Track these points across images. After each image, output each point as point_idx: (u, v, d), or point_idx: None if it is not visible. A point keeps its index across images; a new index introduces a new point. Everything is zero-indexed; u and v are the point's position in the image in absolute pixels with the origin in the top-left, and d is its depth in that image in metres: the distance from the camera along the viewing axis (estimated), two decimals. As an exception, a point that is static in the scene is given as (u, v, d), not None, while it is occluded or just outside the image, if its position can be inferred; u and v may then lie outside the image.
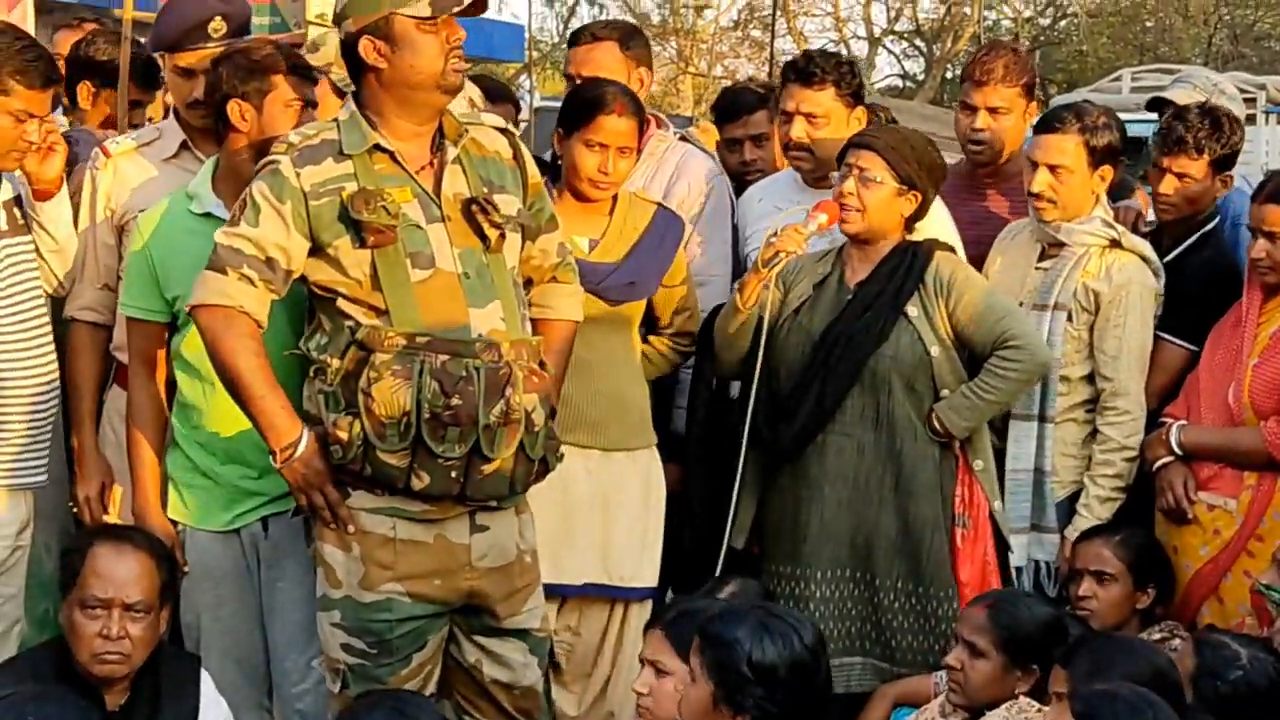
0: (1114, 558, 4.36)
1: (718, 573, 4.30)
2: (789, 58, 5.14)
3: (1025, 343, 4.27)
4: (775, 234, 4.27)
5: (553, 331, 3.92)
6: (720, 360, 4.46)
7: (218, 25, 4.30)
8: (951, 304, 4.29)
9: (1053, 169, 4.55)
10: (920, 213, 4.39)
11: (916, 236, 4.43)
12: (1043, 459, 4.53)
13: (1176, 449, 4.47)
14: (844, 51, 30.82)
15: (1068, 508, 4.55)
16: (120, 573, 3.56)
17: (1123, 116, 5.29)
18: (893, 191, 4.31)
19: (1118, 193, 5.04)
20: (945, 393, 4.29)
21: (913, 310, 4.30)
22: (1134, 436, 4.53)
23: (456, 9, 3.59)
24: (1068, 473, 4.57)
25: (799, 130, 4.69)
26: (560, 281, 3.99)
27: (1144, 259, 4.60)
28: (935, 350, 4.28)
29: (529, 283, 3.92)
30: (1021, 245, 4.72)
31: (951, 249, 4.45)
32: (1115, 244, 4.59)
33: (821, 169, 4.70)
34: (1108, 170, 4.63)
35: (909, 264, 4.32)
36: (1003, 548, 4.40)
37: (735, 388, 4.59)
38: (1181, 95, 5.35)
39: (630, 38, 4.99)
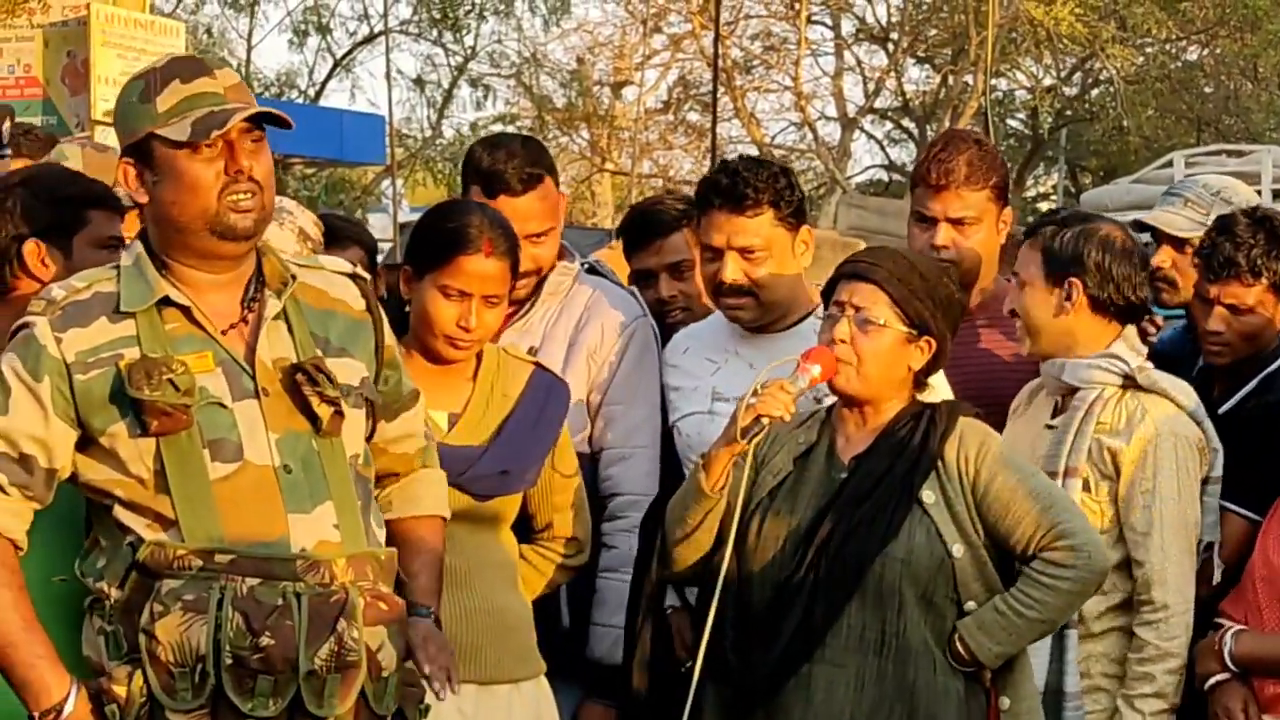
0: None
1: None
2: (737, 149, 5.17)
3: (1079, 541, 4.19)
4: (755, 393, 4.22)
5: (420, 532, 3.92)
6: (674, 559, 4.40)
7: None
8: (980, 489, 4.24)
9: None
10: (935, 364, 4.37)
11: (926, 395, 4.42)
12: (1063, 678, 4.56)
13: (1231, 663, 4.51)
14: (810, 137, 31.49)
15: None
16: None
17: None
18: (898, 338, 4.29)
19: None
20: (971, 606, 4.23)
21: (929, 496, 4.24)
22: (1177, 640, 4.55)
23: (219, 133, 3.58)
24: (1109, 699, 4.60)
25: (734, 271, 4.72)
26: (428, 466, 4.01)
27: (1174, 400, 4.66)
28: (958, 550, 4.22)
29: (388, 476, 3.93)
30: (1038, 406, 4.79)
31: (978, 413, 4.43)
32: (1132, 384, 4.65)
33: (768, 315, 4.76)
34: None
35: (924, 434, 4.28)
36: None
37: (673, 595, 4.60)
38: (1165, 217, 5.46)
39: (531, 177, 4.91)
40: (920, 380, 4.38)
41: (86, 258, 3.98)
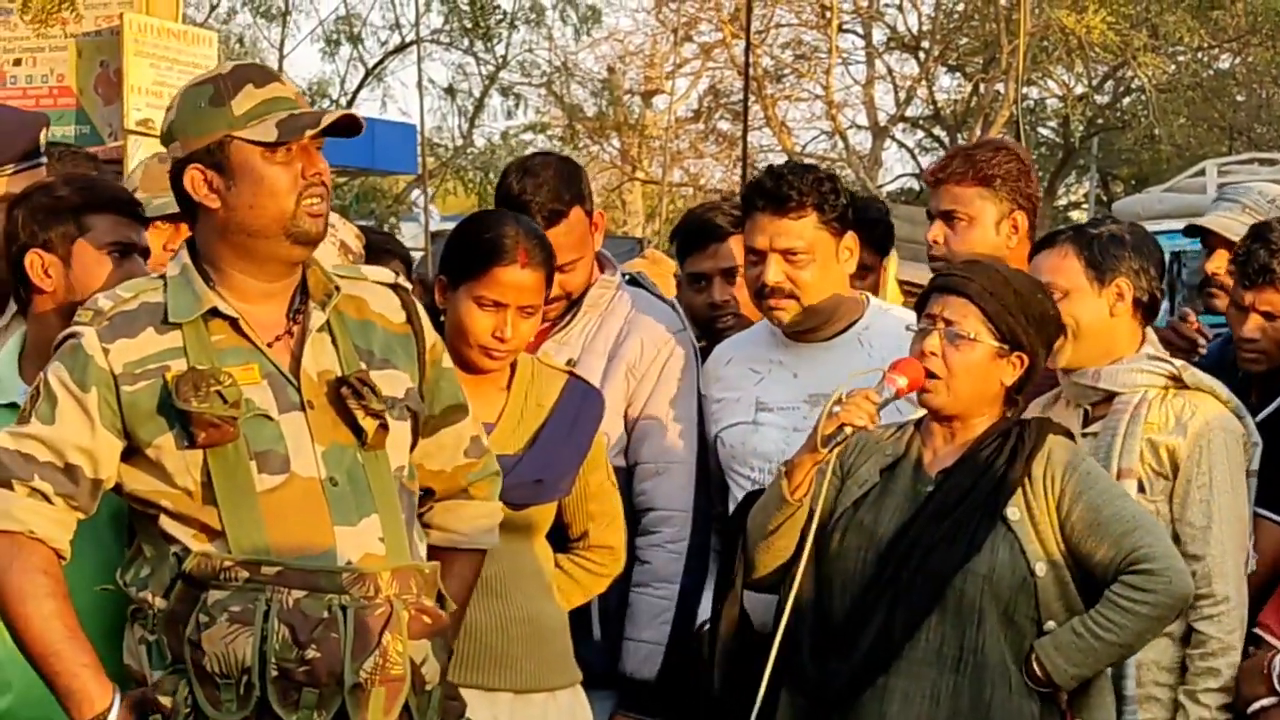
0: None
1: None
2: (768, 157, 5.19)
3: (1160, 566, 4.17)
4: (839, 401, 4.22)
5: (455, 567, 3.90)
6: (756, 566, 4.42)
7: None
8: (1065, 508, 4.23)
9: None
10: (1027, 380, 4.36)
11: None
12: (1123, 681, 4.53)
13: (1279, 687, 4.48)
14: (841, 145, 31.46)
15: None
16: None
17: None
18: (990, 353, 4.27)
19: None
20: (1051, 625, 4.22)
21: (1014, 513, 4.23)
22: (1236, 633, 4.54)
23: (312, 133, 3.63)
24: (1162, 708, 4.57)
25: (777, 273, 4.73)
26: (475, 497, 3.99)
27: (1218, 397, 4.65)
28: (1041, 568, 4.20)
29: (428, 493, 3.92)
30: (1058, 418, 4.73)
31: (1069, 432, 4.43)
32: (1178, 383, 4.64)
33: (811, 320, 4.77)
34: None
35: (1011, 452, 4.27)
36: None
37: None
38: (1222, 221, 5.46)
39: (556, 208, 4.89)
40: (1012, 395, 4.37)
41: (87, 264, 3.99)
